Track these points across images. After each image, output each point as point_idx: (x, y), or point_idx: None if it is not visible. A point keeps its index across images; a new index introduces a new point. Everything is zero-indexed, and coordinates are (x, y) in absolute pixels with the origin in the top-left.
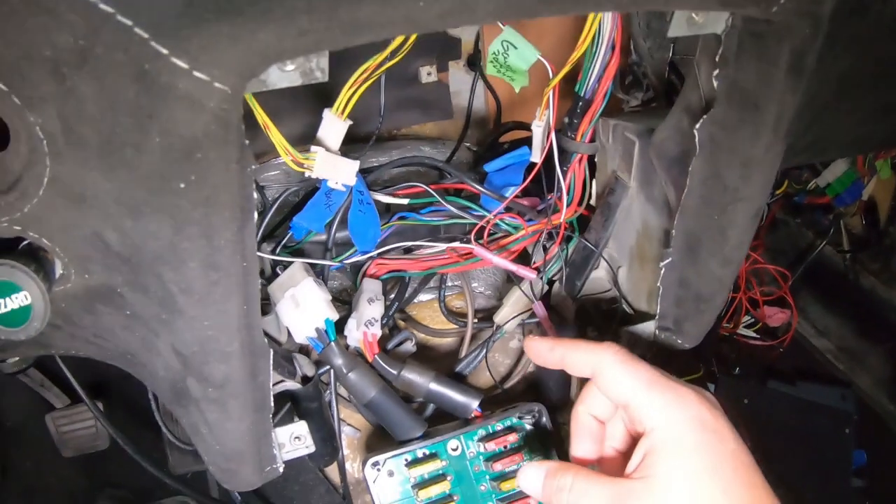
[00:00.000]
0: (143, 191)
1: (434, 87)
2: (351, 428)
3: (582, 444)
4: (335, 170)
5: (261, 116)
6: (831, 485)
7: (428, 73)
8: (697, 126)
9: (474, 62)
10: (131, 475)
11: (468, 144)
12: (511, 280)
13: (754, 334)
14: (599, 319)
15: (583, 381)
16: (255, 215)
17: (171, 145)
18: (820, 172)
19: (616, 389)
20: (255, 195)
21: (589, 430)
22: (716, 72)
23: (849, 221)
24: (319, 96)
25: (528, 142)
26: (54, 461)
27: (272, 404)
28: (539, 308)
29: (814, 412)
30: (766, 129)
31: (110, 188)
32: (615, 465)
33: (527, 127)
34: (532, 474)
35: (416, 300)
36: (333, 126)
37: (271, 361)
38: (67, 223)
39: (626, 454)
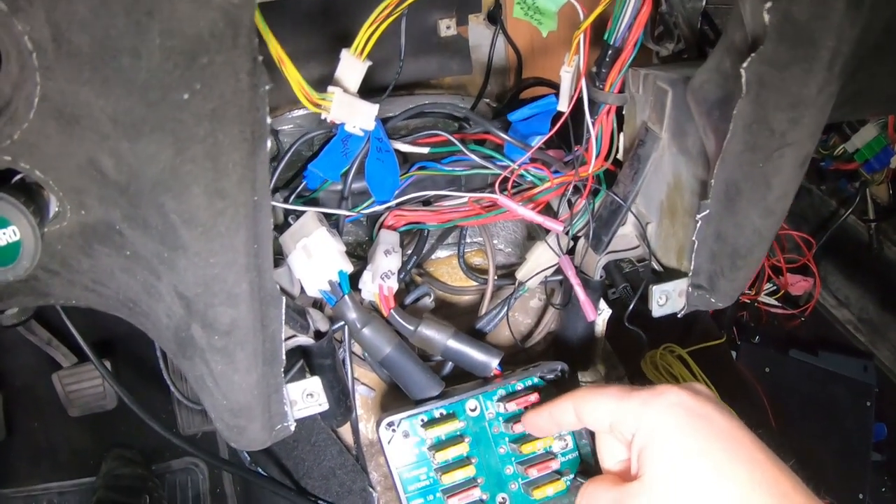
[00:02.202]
0: (141, 105)
1: (453, 40)
2: (365, 387)
3: (611, 463)
4: (353, 113)
5: (275, 49)
6: (851, 458)
7: (447, 27)
8: (745, 64)
9: (495, 16)
10: (139, 435)
11: (487, 100)
12: (532, 237)
13: (776, 302)
14: (622, 279)
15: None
16: (269, 144)
17: (172, 48)
18: (849, 137)
19: (597, 416)
20: (270, 140)
21: (615, 453)
22: (767, 5)
23: (874, 190)
24: (338, 41)
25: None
26: (61, 421)
27: (284, 358)
28: (566, 262)
29: (835, 383)
30: (820, 67)
31: (105, 105)
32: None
33: (548, 83)
34: None
35: (434, 256)
36: (352, 67)
37: (283, 310)
38: (60, 150)
39: None
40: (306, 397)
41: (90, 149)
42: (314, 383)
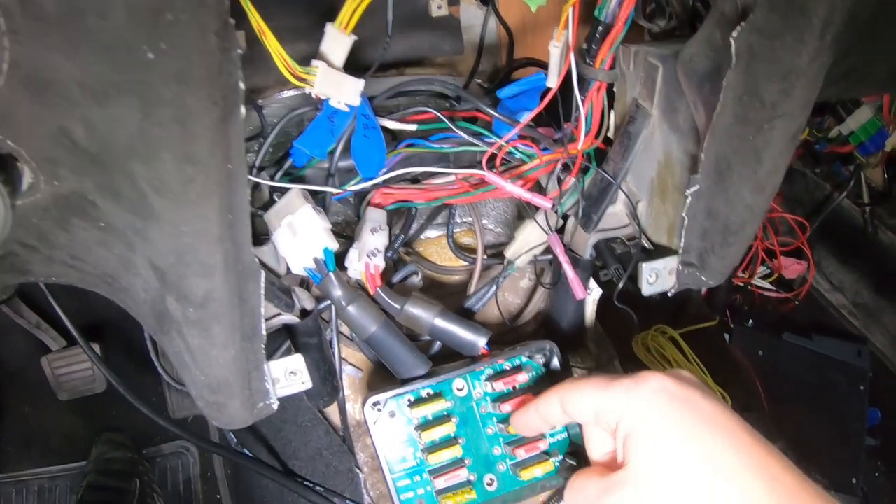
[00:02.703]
0: (107, 67)
1: (445, 20)
2: (352, 367)
3: (599, 454)
4: (338, 88)
5: (256, 20)
6: (845, 442)
7: (438, 7)
8: (734, 34)
9: None
10: (129, 419)
11: (479, 81)
12: (522, 216)
13: (769, 285)
14: (614, 260)
15: None
16: (243, 112)
17: (136, 5)
18: (843, 119)
19: (582, 407)
20: (250, 114)
21: (602, 442)
22: None
23: (869, 174)
24: (324, 17)
25: None
26: (53, 405)
27: (264, 334)
28: (555, 240)
29: (829, 367)
30: (811, 36)
31: (73, 69)
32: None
33: (540, 64)
34: None
35: (423, 236)
36: (337, 41)
37: (262, 284)
38: (32, 118)
39: None
40: (289, 375)
41: (61, 116)
42: (297, 361)
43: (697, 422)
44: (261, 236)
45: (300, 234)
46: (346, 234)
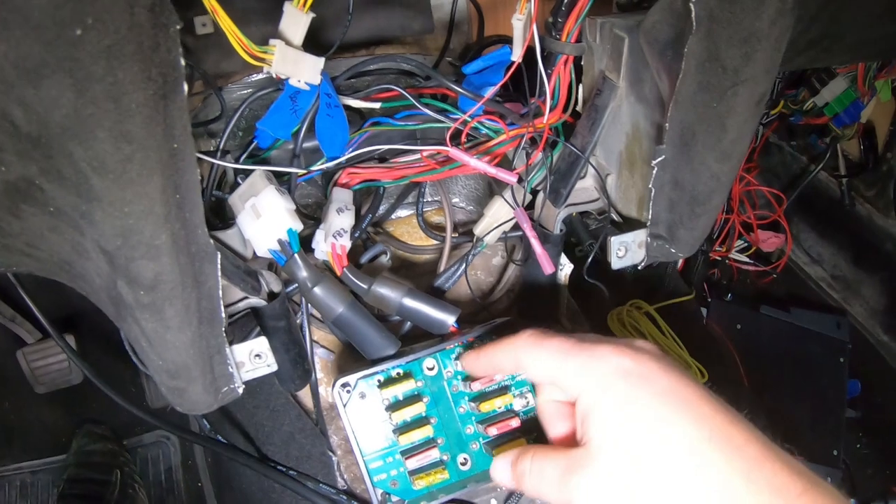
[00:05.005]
0: (38, 46)
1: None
2: (324, 350)
3: (556, 427)
4: (297, 66)
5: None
6: (825, 415)
7: None
8: None
9: None
10: (109, 410)
11: (450, 59)
12: (494, 194)
13: (747, 259)
14: (588, 236)
15: None
16: (185, 89)
17: None
18: (818, 91)
19: (538, 371)
20: (211, 96)
21: (559, 414)
22: None
23: (845, 146)
24: None
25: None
26: (31, 399)
27: (224, 316)
28: (521, 214)
29: (808, 340)
30: None
31: (7, 51)
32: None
33: (510, 41)
34: (501, 467)
35: (393, 216)
36: (295, 19)
37: (219, 266)
38: None
39: None
40: (254, 358)
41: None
42: (261, 343)
43: (655, 399)
44: (229, 221)
45: (264, 216)
46: (316, 216)
